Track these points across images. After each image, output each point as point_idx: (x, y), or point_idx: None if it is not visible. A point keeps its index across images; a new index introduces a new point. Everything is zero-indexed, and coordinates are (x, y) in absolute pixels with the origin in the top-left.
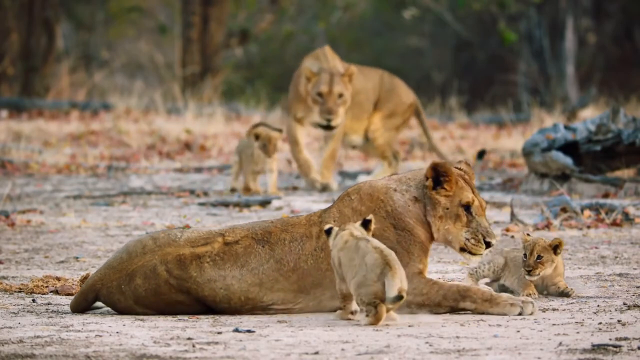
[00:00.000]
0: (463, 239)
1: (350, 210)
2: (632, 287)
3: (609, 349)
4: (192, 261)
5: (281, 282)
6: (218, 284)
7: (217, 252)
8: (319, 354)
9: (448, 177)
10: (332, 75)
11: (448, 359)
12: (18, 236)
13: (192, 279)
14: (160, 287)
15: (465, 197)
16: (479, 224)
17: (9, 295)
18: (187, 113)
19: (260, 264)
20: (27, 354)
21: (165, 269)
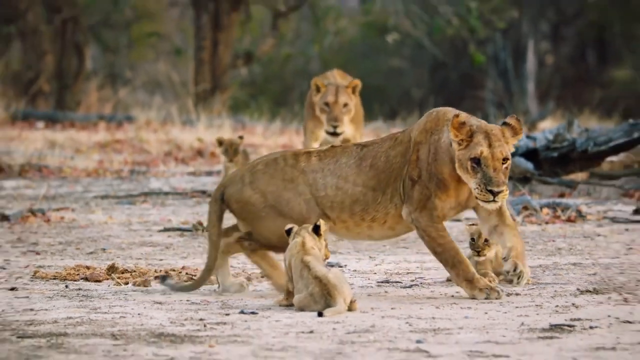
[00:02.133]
0: (472, 187)
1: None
2: (584, 275)
3: (564, 328)
4: (304, 154)
5: (367, 177)
6: (318, 175)
7: (324, 150)
8: (313, 332)
9: (460, 133)
10: (337, 87)
11: (425, 337)
12: (53, 231)
13: (302, 168)
14: (276, 172)
15: (474, 151)
16: (485, 175)
17: (45, 282)
18: (199, 124)
19: (348, 160)
20: (60, 333)
21: (283, 158)
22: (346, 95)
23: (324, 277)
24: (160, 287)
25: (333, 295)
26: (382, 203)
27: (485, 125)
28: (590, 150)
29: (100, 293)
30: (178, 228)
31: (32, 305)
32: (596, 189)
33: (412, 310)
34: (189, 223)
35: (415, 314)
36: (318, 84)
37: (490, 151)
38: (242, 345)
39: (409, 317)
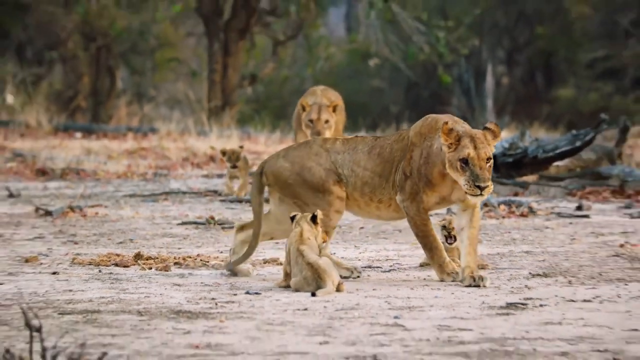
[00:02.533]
0: (462, 184)
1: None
2: (535, 261)
3: (518, 306)
4: (332, 139)
5: (375, 164)
6: (339, 156)
7: (347, 138)
8: (307, 310)
9: (449, 138)
10: (320, 107)
11: (402, 314)
12: (88, 224)
13: (327, 148)
14: (306, 148)
15: (462, 153)
16: (472, 172)
17: (81, 267)
18: (211, 135)
19: (364, 149)
20: (94, 310)
21: (314, 141)
22: (327, 113)
23: (315, 263)
24: (178, 272)
25: (323, 279)
26: (386, 188)
27: (470, 130)
28: (539, 156)
29: (128, 276)
30: (194, 222)
31: (71, 286)
32: (544, 189)
33: (390, 291)
34: (202, 217)
35: (393, 294)
36: (304, 104)
37: (476, 152)
38: (248, 320)
39: (387, 296)
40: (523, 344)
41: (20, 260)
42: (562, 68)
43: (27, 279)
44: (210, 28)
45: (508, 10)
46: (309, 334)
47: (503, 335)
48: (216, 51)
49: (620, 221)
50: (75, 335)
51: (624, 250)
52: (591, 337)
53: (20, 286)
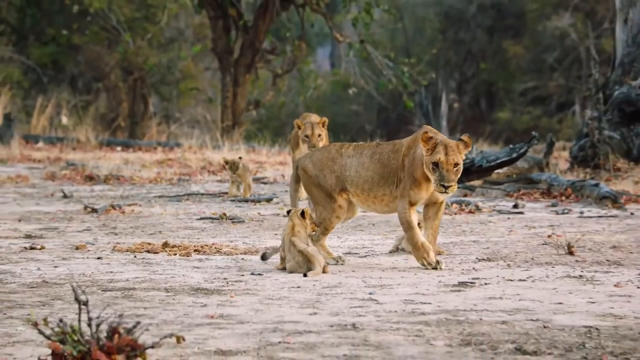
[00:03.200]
0: (432, 182)
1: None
2: (481, 248)
3: (468, 284)
4: (347, 145)
5: (375, 167)
6: (349, 160)
7: (358, 144)
8: (300, 287)
9: (427, 145)
10: (312, 124)
11: (375, 290)
12: (126, 219)
13: (342, 152)
14: (327, 152)
15: (434, 157)
16: (440, 174)
17: (120, 253)
18: (224, 148)
19: (372, 154)
20: (130, 287)
21: (334, 147)
22: (319, 129)
23: (305, 250)
24: (197, 257)
25: (313, 263)
26: (382, 187)
27: (446, 140)
28: (484, 165)
29: (157, 261)
30: (210, 217)
31: (112, 269)
32: (488, 191)
33: (366, 272)
34: (216, 214)
35: (368, 275)
36: (299, 124)
37: (445, 158)
38: (252, 295)
39: (364, 277)
40: (471, 314)
41: (71, 248)
42: (501, 95)
43: (77, 263)
44: (223, 64)
45: (458, 50)
46: (301, 307)
47: (456, 307)
48: (227, 82)
49: (547, 217)
50: (114, 308)
51: (551, 240)
52: (525, 309)
53: (71, 268)
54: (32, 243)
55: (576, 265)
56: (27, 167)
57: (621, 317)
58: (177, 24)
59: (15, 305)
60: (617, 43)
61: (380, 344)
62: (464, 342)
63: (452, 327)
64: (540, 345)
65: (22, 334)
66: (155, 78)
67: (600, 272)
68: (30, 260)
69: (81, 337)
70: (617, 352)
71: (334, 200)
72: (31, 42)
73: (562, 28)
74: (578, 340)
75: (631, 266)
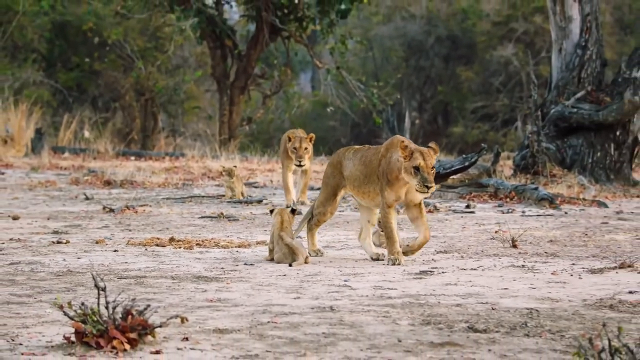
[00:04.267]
0: (414, 185)
1: (383, 147)
2: (439, 242)
3: (428, 272)
4: (352, 149)
5: (361, 167)
6: (349, 161)
7: (357, 147)
8: (286, 275)
9: (405, 152)
10: (301, 138)
11: (349, 278)
12: (139, 218)
13: (345, 155)
14: (334, 159)
15: (415, 162)
16: (422, 176)
17: (134, 247)
18: (221, 158)
19: (361, 156)
20: (142, 275)
21: (342, 150)
22: (307, 143)
23: (291, 244)
24: (198, 250)
25: (297, 254)
26: (366, 184)
27: (419, 147)
28: (441, 172)
29: (165, 253)
30: (209, 216)
31: (126, 260)
32: (445, 194)
33: (341, 263)
34: (215, 213)
35: (343, 265)
36: (290, 136)
37: (424, 162)
38: (245, 282)
39: (339, 267)
40: (431, 298)
41: (92, 242)
42: (455, 113)
43: (96, 255)
44: (221, 87)
45: (419, 75)
46: (286, 292)
47: (418, 292)
48: (224, 102)
49: (495, 215)
50: (128, 293)
51: (498, 235)
52: (476, 294)
53: (91, 259)
54: (59, 238)
55: (519, 257)
56: (55, 174)
57: (557, 300)
58: (182, 53)
59: (44, 291)
60: (552, 69)
61: (354, 324)
62: (425, 321)
63: (415, 309)
64: (489, 324)
65: (50, 315)
66: (164, 98)
67: (539, 262)
68: (57, 253)
69: (100, 318)
70: (554, 330)
71: (334, 198)
72: (59, 68)
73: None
74: (521, 320)
75: (565, 257)
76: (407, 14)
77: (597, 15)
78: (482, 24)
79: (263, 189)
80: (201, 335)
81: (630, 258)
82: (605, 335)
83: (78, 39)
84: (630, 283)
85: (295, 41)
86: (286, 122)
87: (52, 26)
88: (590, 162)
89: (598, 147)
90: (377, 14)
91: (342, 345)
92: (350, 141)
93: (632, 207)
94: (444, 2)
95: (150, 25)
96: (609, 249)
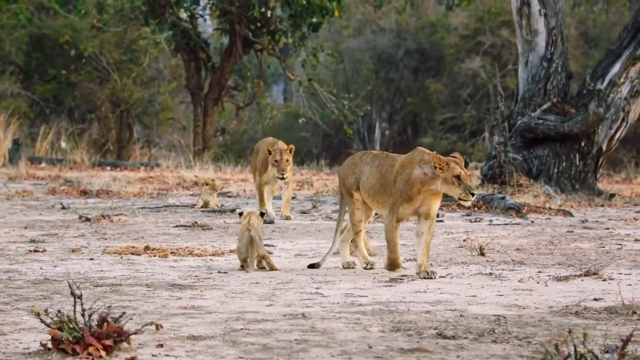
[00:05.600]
0: (457, 194)
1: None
2: (408, 250)
3: (397, 280)
4: (369, 153)
5: (377, 176)
6: (365, 166)
7: (375, 153)
8: (259, 283)
9: (441, 164)
10: (281, 150)
11: (321, 285)
12: (114, 227)
13: (362, 159)
14: (351, 162)
15: (455, 172)
16: (465, 184)
17: (109, 255)
18: (195, 168)
19: (378, 164)
20: (117, 283)
21: (357, 154)
22: (287, 154)
23: (255, 236)
24: (173, 258)
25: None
26: (381, 194)
27: (450, 158)
28: None
29: (140, 261)
30: (184, 225)
31: (102, 268)
32: None
33: (313, 271)
34: (189, 222)
35: (315, 272)
36: (270, 149)
37: (463, 171)
38: (219, 290)
39: (311, 274)
40: (401, 305)
41: (68, 250)
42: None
43: (73, 263)
44: (195, 98)
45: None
46: (259, 299)
47: (388, 299)
48: (198, 113)
49: (463, 224)
50: (104, 301)
51: (466, 243)
52: (445, 301)
53: (68, 268)
54: (36, 246)
55: (487, 264)
56: (32, 184)
57: (524, 307)
58: (157, 65)
59: (21, 299)
60: (519, 81)
61: (325, 330)
62: (395, 328)
63: (385, 316)
64: (457, 331)
65: (27, 322)
66: (139, 110)
67: (506, 270)
68: (34, 261)
69: (76, 325)
70: (522, 337)
71: (352, 196)
72: (36, 80)
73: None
74: (489, 326)
75: (532, 265)
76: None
77: (562, 29)
78: (450, 37)
79: (237, 198)
80: (176, 342)
81: (595, 266)
82: (571, 341)
83: (55, 51)
84: (595, 290)
85: (268, 54)
86: (259, 132)
87: (30, 39)
88: (556, 172)
89: (563, 158)
90: (348, 28)
91: (314, 351)
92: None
93: (596, 216)
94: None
95: (126, 38)
96: (574, 257)
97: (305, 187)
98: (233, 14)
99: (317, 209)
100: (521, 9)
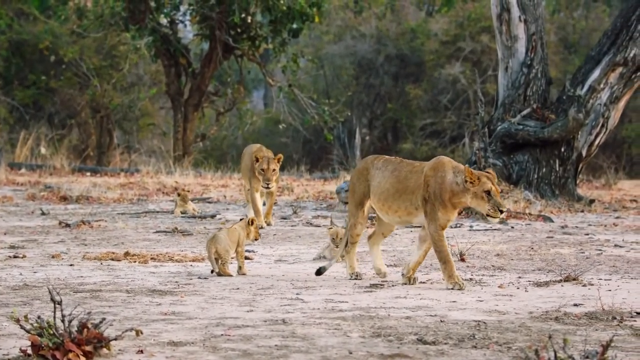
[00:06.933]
0: (486, 210)
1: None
2: (389, 256)
3: (378, 285)
4: (381, 158)
5: (393, 181)
6: (377, 171)
7: (388, 158)
8: (239, 289)
9: (472, 177)
10: (269, 159)
11: (301, 291)
12: (94, 233)
13: (374, 164)
14: (361, 167)
15: (486, 187)
16: (495, 201)
17: (89, 261)
18: (176, 174)
19: (393, 169)
20: (97, 289)
21: (369, 158)
22: (274, 164)
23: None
24: (153, 264)
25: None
26: (396, 200)
27: (483, 173)
28: None
29: (120, 267)
30: (164, 231)
31: (82, 274)
32: None
33: (294, 276)
34: (169, 228)
35: (296, 278)
36: (258, 157)
37: (494, 187)
38: (199, 296)
39: (292, 280)
40: (381, 311)
41: (48, 256)
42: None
43: (52, 269)
44: (175, 104)
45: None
46: (240, 305)
47: (368, 305)
48: (179, 119)
49: None
50: (84, 307)
51: None
52: (426, 306)
53: (48, 274)
54: (15, 252)
55: (467, 270)
56: (11, 190)
57: (504, 312)
58: (137, 71)
59: (0, 305)
60: (499, 87)
61: (306, 336)
62: (375, 334)
63: (365, 322)
64: (438, 337)
65: (6, 328)
66: (119, 115)
67: (486, 276)
68: (13, 267)
69: (56, 331)
70: (502, 342)
71: (361, 207)
72: (16, 86)
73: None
74: (469, 332)
75: (512, 270)
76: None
77: (542, 35)
78: (430, 43)
79: (217, 204)
80: (156, 348)
81: (575, 271)
82: (551, 346)
83: (35, 57)
84: (575, 296)
85: (248, 59)
86: (239, 138)
87: (9, 44)
88: (535, 177)
89: (543, 163)
90: (328, 33)
91: (294, 357)
92: (302, 157)
93: (576, 221)
94: (393, 22)
95: (106, 44)
96: (554, 263)
97: (286, 192)
98: (213, 19)
99: (298, 215)
100: (501, 14)
